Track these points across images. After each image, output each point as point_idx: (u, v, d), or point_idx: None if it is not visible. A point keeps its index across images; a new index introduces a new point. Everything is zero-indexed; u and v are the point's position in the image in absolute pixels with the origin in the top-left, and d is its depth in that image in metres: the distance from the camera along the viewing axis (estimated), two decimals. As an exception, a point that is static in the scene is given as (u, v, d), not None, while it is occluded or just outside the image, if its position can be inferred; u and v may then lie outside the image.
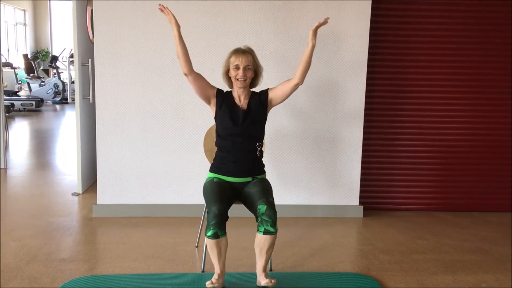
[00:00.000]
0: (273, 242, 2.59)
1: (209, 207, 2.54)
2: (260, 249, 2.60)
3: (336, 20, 3.76)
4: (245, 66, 2.74)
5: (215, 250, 2.55)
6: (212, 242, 2.52)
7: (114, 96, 3.79)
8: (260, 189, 2.66)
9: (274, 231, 2.56)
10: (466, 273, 3.03)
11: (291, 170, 3.95)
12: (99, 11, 3.68)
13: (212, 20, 3.73)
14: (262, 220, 2.55)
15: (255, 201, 2.61)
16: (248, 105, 2.80)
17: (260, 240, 2.58)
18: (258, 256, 2.64)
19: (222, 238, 2.53)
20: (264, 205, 2.55)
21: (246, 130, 2.75)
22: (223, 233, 2.54)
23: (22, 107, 10.90)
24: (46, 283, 2.72)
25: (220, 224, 2.51)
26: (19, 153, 6.41)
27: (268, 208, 2.55)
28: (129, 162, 3.86)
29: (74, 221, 3.79)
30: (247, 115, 2.78)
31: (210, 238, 2.51)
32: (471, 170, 4.27)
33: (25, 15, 15.28)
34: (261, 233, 2.56)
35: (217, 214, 2.49)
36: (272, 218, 2.54)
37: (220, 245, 2.55)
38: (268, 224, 2.54)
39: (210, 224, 2.50)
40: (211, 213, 2.51)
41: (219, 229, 2.50)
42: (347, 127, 3.92)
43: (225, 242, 2.57)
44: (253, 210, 2.64)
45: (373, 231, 3.76)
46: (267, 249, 2.59)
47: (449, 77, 4.12)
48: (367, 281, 2.85)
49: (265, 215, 2.54)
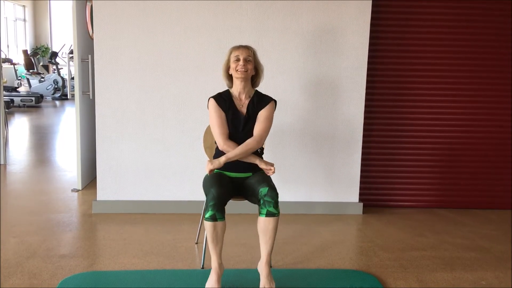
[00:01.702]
0: (276, 226, 2.58)
1: (208, 190, 2.54)
2: (264, 233, 2.58)
3: (337, 17, 3.76)
4: (246, 57, 2.73)
5: (212, 234, 2.53)
6: (210, 224, 2.51)
7: (114, 92, 3.78)
8: (261, 178, 2.68)
9: (276, 212, 2.55)
10: (465, 270, 3.03)
11: (291, 167, 3.95)
12: (99, 7, 3.67)
13: (212, 19, 3.72)
14: (264, 202, 2.54)
15: (256, 187, 2.61)
16: (248, 107, 2.80)
17: (264, 223, 2.57)
18: (262, 242, 2.62)
19: (219, 222, 2.51)
20: (266, 187, 2.56)
21: (247, 135, 2.77)
22: (221, 217, 2.52)
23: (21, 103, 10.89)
24: (45, 279, 2.72)
25: (219, 206, 2.49)
26: (19, 149, 6.40)
27: (270, 190, 2.55)
28: (129, 159, 3.86)
29: (73, 217, 3.79)
30: (248, 120, 2.78)
31: (208, 220, 2.50)
32: (471, 167, 4.27)
33: (24, 11, 15.25)
34: (264, 215, 2.55)
35: (216, 196, 2.49)
36: (274, 198, 2.54)
37: (217, 229, 2.53)
38: (271, 205, 2.53)
39: (208, 206, 2.50)
40: (209, 195, 2.51)
41: (217, 211, 2.49)
42: (347, 124, 3.92)
43: (222, 227, 2.55)
44: (255, 195, 2.63)
45: (373, 228, 3.76)
46: (270, 233, 2.57)
47: (449, 75, 4.12)
48: (366, 278, 2.85)
49: (267, 196, 2.54)
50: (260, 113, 2.79)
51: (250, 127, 2.78)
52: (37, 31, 15.86)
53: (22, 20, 15.12)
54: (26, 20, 15.30)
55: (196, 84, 3.80)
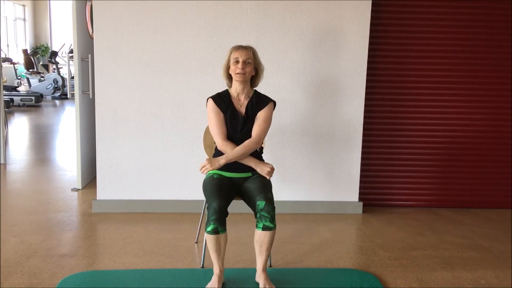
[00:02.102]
0: (272, 238, 2.59)
1: (209, 203, 2.54)
2: (260, 245, 2.60)
3: (336, 16, 3.76)
4: (245, 60, 2.72)
5: (214, 246, 2.55)
6: (211, 237, 2.52)
7: (113, 92, 3.78)
8: (259, 185, 2.66)
9: (272, 226, 2.56)
10: (465, 269, 3.03)
11: (290, 166, 3.95)
12: (98, 6, 3.67)
13: (212, 18, 3.72)
14: (260, 216, 2.55)
15: (254, 197, 2.61)
16: (247, 108, 2.79)
17: (260, 236, 2.58)
18: (258, 254, 2.65)
19: (221, 234, 2.53)
20: (263, 200, 2.55)
21: (245, 135, 2.76)
22: (223, 229, 2.54)
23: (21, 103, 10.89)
24: (45, 278, 2.73)
25: (220, 220, 2.51)
26: (19, 148, 6.40)
27: (266, 204, 2.54)
28: (128, 158, 3.86)
29: (73, 217, 3.79)
30: (246, 121, 2.77)
31: (210, 234, 2.51)
32: (471, 166, 4.27)
33: (24, 10, 15.25)
34: (260, 229, 2.56)
35: (217, 210, 2.49)
36: (270, 213, 2.54)
37: (219, 241, 2.55)
38: (267, 220, 2.54)
39: (210, 220, 2.50)
40: (211, 208, 2.51)
41: (219, 224, 2.50)
42: (347, 123, 3.92)
43: (224, 239, 2.57)
44: (252, 206, 2.64)
45: (372, 227, 3.76)
46: (266, 246, 2.60)
47: (449, 74, 4.12)
48: (366, 277, 2.85)
49: (263, 210, 2.54)
50: (259, 114, 2.79)
51: (248, 127, 2.78)
52: (37, 31, 15.85)
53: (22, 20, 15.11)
54: (26, 19, 15.30)
55: (196, 83, 3.80)
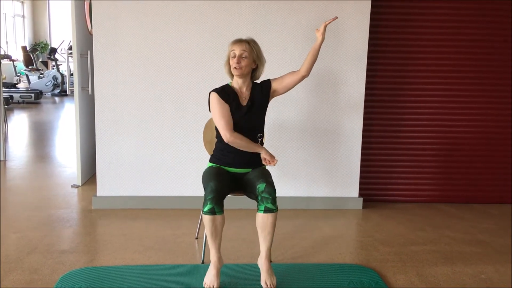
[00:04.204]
0: (274, 221, 2.58)
1: (207, 184, 2.54)
2: (262, 229, 2.59)
3: (337, 11, 3.75)
4: (240, 54, 2.69)
5: (211, 228, 2.53)
6: (208, 218, 2.51)
7: (113, 88, 3.77)
8: (260, 174, 2.68)
9: (274, 208, 2.55)
10: (465, 264, 3.03)
11: (290, 162, 3.95)
12: (97, 2, 3.66)
13: (211, 14, 3.71)
14: (262, 198, 2.54)
15: (255, 183, 2.61)
16: (250, 97, 2.78)
17: (262, 219, 2.57)
18: (260, 238, 2.63)
19: (218, 216, 2.51)
20: (264, 183, 2.56)
21: (248, 123, 2.75)
22: (220, 211, 2.52)
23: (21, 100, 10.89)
24: (46, 274, 2.73)
25: (217, 199, 2.49)
26: (19, 145, 6.40)
27: (267, 186, 2.55)
28: (128, 154, 3.86)
29: (73, 213, 3.80)
30: (250, 109, 2.76)
31: (206, 214, 2.50)
32: (471, 162, 4.27)
33: (23, 7, 15.21)
34: (262, 212, 2.55)
35: (214, 189, 2.49)
36: (272, 195, 2.54)
37: (216, 223, 2.53)
38: (269, 201, 2.53)
39: (206, 199, 2.50)
40: (208, 188, 2.51)
41: (215, 204, 2.49)
42: (347, 119, 3.92)
43: (221, 221, 2.55)
44: (253, 192, 2.63)
45: (372, 222, 3.76)
46: (269, 229, 2.58)
47: (449, 69, 4.11)
48: (366, 272, 2.85)
49: (264, 192, 2.54)
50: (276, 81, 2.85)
51: (251, 115, 2.77)
52: (36, 27, 15.82)
53: (21, 16, 15.08)
54: (25, 16, 15.26)
55: (196, 79, 3.79)
